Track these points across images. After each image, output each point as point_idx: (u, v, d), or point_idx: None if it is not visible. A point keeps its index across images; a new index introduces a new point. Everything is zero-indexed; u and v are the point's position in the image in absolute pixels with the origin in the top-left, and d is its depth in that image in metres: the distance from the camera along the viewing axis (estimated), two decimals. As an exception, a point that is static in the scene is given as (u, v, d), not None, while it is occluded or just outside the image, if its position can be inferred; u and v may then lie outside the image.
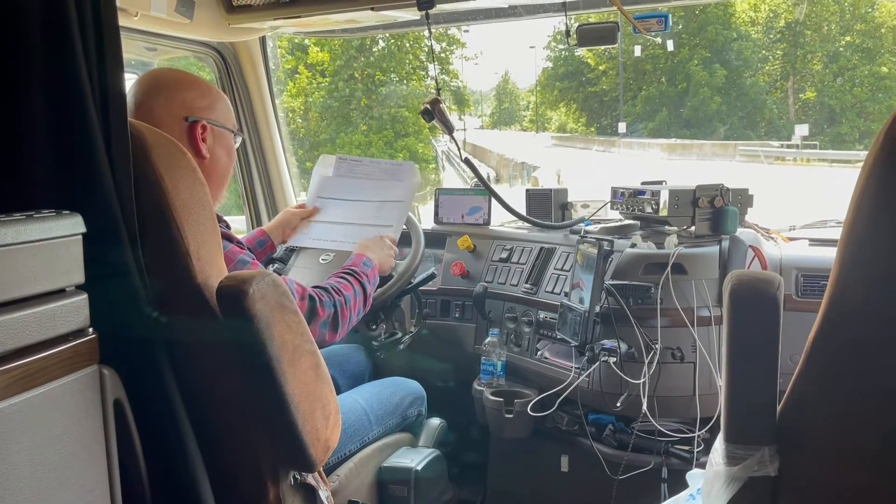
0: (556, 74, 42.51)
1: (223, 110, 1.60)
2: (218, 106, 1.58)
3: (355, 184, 2.08)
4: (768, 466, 1.00)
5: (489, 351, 2.21)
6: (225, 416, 1.20)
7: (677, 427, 1.90)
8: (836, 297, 0.94)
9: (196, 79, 1.67)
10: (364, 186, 2.07)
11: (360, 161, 2.12)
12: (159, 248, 1.12)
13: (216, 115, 1.57)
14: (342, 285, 1.67)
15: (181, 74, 1.59)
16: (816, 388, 0.98)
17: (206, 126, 1.54)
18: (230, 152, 1.61)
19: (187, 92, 1.55)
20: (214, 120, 1.56)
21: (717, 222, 2.02)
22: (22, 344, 0.80)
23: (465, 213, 2.61)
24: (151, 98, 1.51)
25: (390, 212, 2.02)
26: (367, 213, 2.03)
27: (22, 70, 0.97)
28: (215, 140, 1.56)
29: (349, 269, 1.76)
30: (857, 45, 30.85)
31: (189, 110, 1.53)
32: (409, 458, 1.80)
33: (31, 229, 0.82)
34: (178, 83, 1.55)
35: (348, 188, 2.07)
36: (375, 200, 2.04)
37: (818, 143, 26.80)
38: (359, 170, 2.11)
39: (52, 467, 0.85)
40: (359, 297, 1.70)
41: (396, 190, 2.05)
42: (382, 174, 2.08)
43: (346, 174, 2.10)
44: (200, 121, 1.53)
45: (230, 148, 1.61)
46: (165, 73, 1.58)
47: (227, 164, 1.61)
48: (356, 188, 2.07)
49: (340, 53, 21.78)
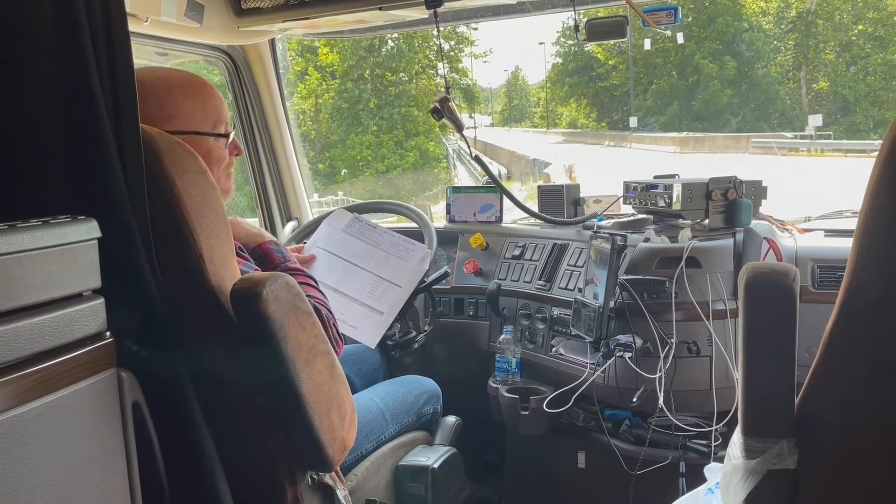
0: (566, 70, 42.41)
1: (191, 113, 1.43)
2: (182, 110, 1.42)
3: (360, 247, 1.96)
4: (787, 459, 1.00)
5: (504, 348, 2.21)
6: (241, 417, 1.21)
7: (694, 421, 1.89)
8: (852, 288, 0.93)
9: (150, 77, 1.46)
10: (368, 254, 1.95)
11: (375, 227, 2.00)
12: (173, 252, 1.12)
13: (179, 122, 1.40)
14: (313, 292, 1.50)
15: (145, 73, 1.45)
16: (834, 379, 0.97)
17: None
18: (207, 157, 1.39)
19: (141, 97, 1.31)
20: (175, 128, 1.37)
21: (731, 215, 2.01)
22: (40, 349, 0.81)
23: (477, 211, 2.61)
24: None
25: (386, 295, 1.88)
26: (363, 286, 1.90)
27: (34, 78, 0.98)
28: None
29: (293, 268, 1.58)
30: (869, 33, 30.54)
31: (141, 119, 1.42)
32: (425, 457, 1.80)
33: (47, 235, 0.83)
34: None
35: (352, 249, 1.95)
36: (374, 274, 1.92)
37: (832, 134, 26.58)
38: (369, 235, 1.98)
39: (73, 470, 0.86)
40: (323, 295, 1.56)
41: (400, 271, 1.92)
42: (392, 248, 1.96)
43: (355, 234, 1.98)
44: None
45: (207, 153, 1.42)
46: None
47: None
48: (360, 252, 1.95)
49: (350, 54, 21.83)
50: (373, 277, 1.90)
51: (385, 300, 1.87)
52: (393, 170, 21.53)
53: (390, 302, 1.87)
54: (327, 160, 21.26)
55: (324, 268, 1.91)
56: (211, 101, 1.47)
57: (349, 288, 1.88)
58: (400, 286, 1.89)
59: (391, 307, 1.88)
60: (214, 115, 1.46)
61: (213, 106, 1.47)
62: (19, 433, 0.78)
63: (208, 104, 1.46)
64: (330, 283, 1.89)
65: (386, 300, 1.87)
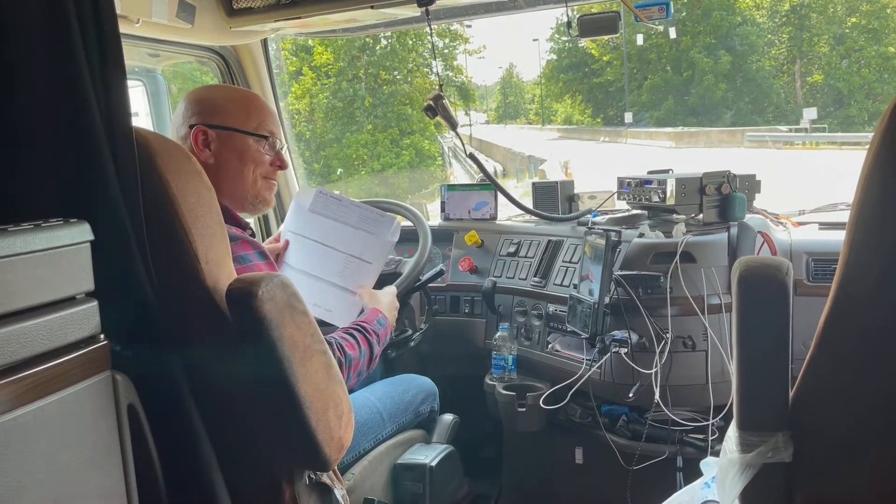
0: (561, 66, 42.39)
1: (234, 112, 1.58)
2: (225, 109, 1.58)
3: (328, 226, 1.87)
4: (782, 452, 1.00)
5: (500, 345, 2.21)
6: (238, 417, 1.21)
7: (691, 416, 1.89)
8: (845, 281, 0.93)
9: (211, 89, 1.74)
10: (336, 232, 1.87)
11: (340, 200, 1.90)
12: (167, 253, 1.12)
13: (221, 118, 1.56)
14: (347, 343, 1.56)
15: (201, 88, 1.66)
16: (828, 372, 0.98)
17: (205, 130, 1.54)
18: (243, 155, 1.57)
19: (194, 100, 1.59)
20: (217, 123, 1.55)
21: (725, 209, 2.01)
22: (34, 352, 0.81)
23: (471, 209, 2.62)
24: (178, 118, 1.59)
25: (357, 273, 1.83)
26: (332, 266, 1.84)
27: (25, 81, 0.97)
28: (221, 143, 1.55)
29: (361, 325, 1.65)
30: (863, 25, 30.58)
31: (191, 116, 1.56)
32: (423, 455, 1.81)
33: (39, 238, 0.82)
34: (192, 95, 1.61)
35: (320, 228, 1.87)
36: (344, 253, 1.85)
37: (827, 126, 26.58)
38: (336, 210, 1.88)
39: (69, 473, 0.86)
40: (363, 358, 1.59)
41: (369, 247, 1.85)
42: (360, 222, 1.87)
43: (322, 211, 1.89)
44: (198, 125, 1.54)
45: (243, 150, 1.57)
46: (192, 92, 1.63)
47: (238, 167, 1.57)
48: (328, 231, 1.87)
49: (344, 53, 21.79)
50: (342, 256, 1.84)
51: (356, 278, 1.82)
52: (388, 168, 21.50)
53: (361, 280, 1.82)
54: (322, 159, 21.23)
55: (295, 252, 1.87)
56: (256, 108, 1.62)
57: (320, 270, 1.84)
58: (370, 262, 1.84)
59: (363, 286, 1.83)
60: (258, 119, 1.61)
61: (258, 112, 1.62)
62: (15, 437, 0.78)
63: (252, 109, 1.61)
64: (302, 267, 1.85)
65: (357, 278, 1.82)
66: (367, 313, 1.72)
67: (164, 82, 2.67)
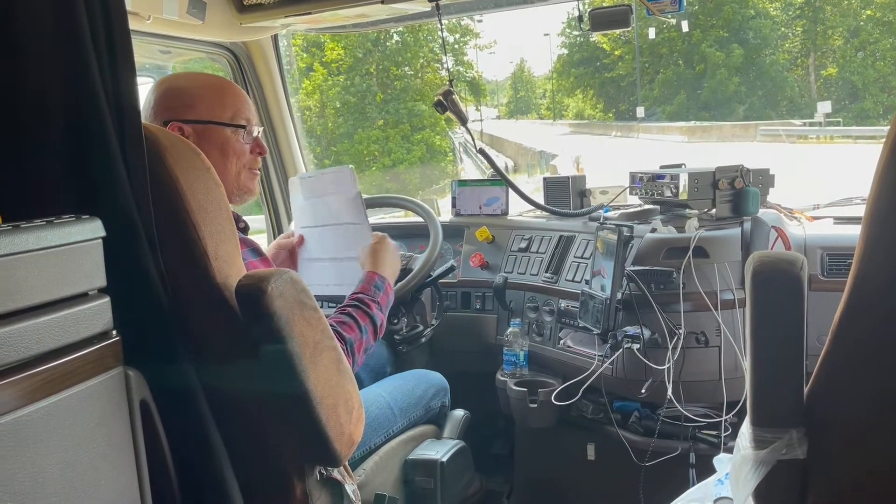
0: (572, 61, 42.22)
1: (208, 104, 1.52)
2: (198, 101, 1.52)
3: (319, 203, 1.87)
4: (797, 449, 0.99)
5: (511, 341, 2.21)
6: (249, 413, 1.21)
7: (704, 412, 1.88)
8: (861, 276, 0.92)
9: (178, 78, 1.67)
10: (325, 206, 1.86)
11: (312, 176, 1.90)
12: (178, 250, 1.13)
13: (196, 112, 1.51)
14: (344, 327, 1.52)
15: (168, 78, 1.60)
16: (843, 368, 0.97)
17: (181, 126, 1.50)
18: (224, 148, 1.53)
19: (164, 92, 1.54)
20: (193, 117, 1.50)
21: (738, 204, 1.99)
22: (47, 348, 0.81)
23: (482, 204, 2.61)
24: (147, 111, 1.53)
25: (352, 239, 1.81)
26: (337, 241, 1.83)
27: (36, 78, 0.98)
28: (200, 138, 1.50)
29: (356, 298, 1.61)
30: (877, 18, 30.25)
31: (166, 113, 1.52)
32: (434, 451, 1.80)
33: (51, 235, 0.83)
34: (160, 87, 1.55)
35: (315, 211, 1.87)
36: (338, 223, 1.84)
37: (841, 120, 26.34)
38: (316, 187, 1.87)
39: (82, 469, 0.86)
40: (366, 335, 1.56)
41: (344, 209, 1.82)
42: (332, 186, 1.85)
43: (309, 195, 1.89)
44: (172, 122, 1.50)
45: (223, 143, 1.52)
46: (159, 82, 1.57)
47: (220, 161, 1.52)
48: (320, 209, 1.86)
49: (357, 48, 21.80)
50: (332, 228, 1.84)
51: (354, 243, 1.80)
52: (400, 164, 21.51)
53: (358, 243, 1.80)
54: (333, 155, 21.26)
55: (314, 248, 1.87)
56: (230, 96, 1.56)
57: (326, 250, 1.84)
58: (354, 223, 1.82)
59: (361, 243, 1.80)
60: (233, 108, 1.55)
61: (232, 100, 1.56)
62: (27, 433, 0.78)
63: (226, 98, 1.55)
64: (313, 255, 1.85)
65: (355, 243, 1.80)
66: (363, 280, 1.67)
67: (175, 79, 2.68)
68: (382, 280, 1.69)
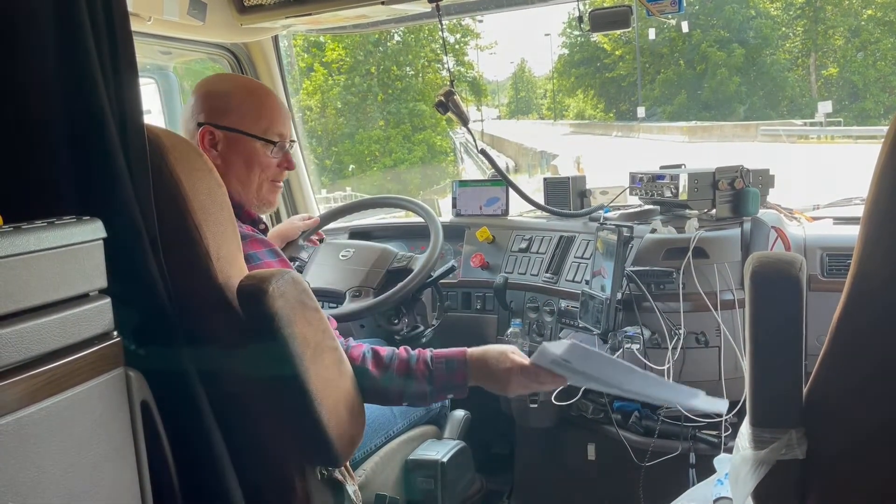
0: (573, 61, 42.24)
1: (243, 113, 1.52)
2: (234, 108, 1.52)
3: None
4: (796, 449, 0.99)
5: (511, 341, 2.21)
6: (250, 413, 1.22)
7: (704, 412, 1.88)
8: (860, 276, 0.92)
9: (221, 81, 1.68)
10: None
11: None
12: (180, 250, 1.13)
13: (230, 119, 1.51)
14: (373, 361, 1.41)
15: (211, 79, 1.61)
16: (842, 368, 0.97)
17: (212, 130, 1.50)
18: (249, 159, 1.52)
19: (205, 94, 1.55)
20: (226, 124, 1.51)
21: (738, 204, 1.99)
22: (48, 349, 0.81)
23: (483, 205, 2.61)
24: (186, 111, 1.56)
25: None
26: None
27: (37, 78, 0.98)
28: (228, 145, 1.51)
29: (429, 352, 1.46)
30: (878, 18, 30.24)
31: (200, 113, 1.53)
32: (434, 451, 1.80)
33: (52, 236, 0.83)
34: (201, 88, 1.57)
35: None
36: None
37: (842, 120, 26.32)
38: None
39: (83, 469, 0.86)
40: (391, 384, 1.41)
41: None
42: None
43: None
44: (205, 125, 1.51)
45: (250, 154, 1.52)
46: (201, 83, 1.59)
47: (244, 171, 1.52)
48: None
49: (357, 48, 21.82)
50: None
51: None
52: (400, 164, 21.53)
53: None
54: (334, 155, 21.27)
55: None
56: (267, 108, 1.55)
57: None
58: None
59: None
60: (268, 121, 1.54)
61: (269, 113, 1.55)
62: (29, 433, 0.78)
63: (263, 110, 1.54)
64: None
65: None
66: (464, 353, 1.46)
67: (175, 80, 2.68)
68: (464, 366, 1.44)
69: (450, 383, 1.43)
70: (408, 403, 1.48)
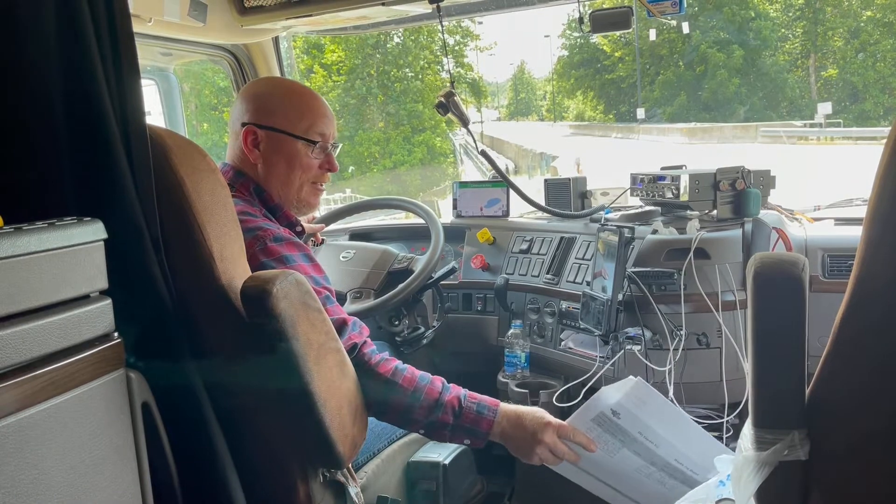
0: (572, 62, 42.30)
1: (285, 113, 1.54)
2: (277, 109, 1.53)
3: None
4: (798, 450, 0.99)
5: (512, 343, 2.21)
6: (252, 415, 1.21)
7: (705, 413, 1.88)
8: (862, 277, 0.92)
9: (265, 84, 1.70)
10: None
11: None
12: (182, 251, 1.13)
13: (272, 119, 1.52)
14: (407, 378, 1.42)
15: (256, 82, 1.65)
16: (845, 369, 0.97)
17: (255, 130, 1.52)
18: (291, 160, 1.53)
19: (250, 95, 1.57)
20: (268, 124, 1.52)
21: (739, 205, 1.99)
22: (48, 351, 0.81)
23: (483, 206, 2.61)
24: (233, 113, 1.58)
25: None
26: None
27: (39, 80, 0.98)
28: (270, 145, 1.52)
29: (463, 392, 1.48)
30: (878, 19, 30.27)
31: (245, 114, 1.54)
32: (436, 453, 1.80)
33: (53, 237, 0.83)
34: (247, 91, 1.59)
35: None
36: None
37: (842, 121, 26.33)
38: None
39: (84, 471, 0.86)
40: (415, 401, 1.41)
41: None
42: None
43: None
44: (248, 125, 1.52)
45: (291, 155, 1.53)
46: (248, 86, 1.62)
47: (285, 171, 1.54)
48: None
49: (357, 51, 21.84)
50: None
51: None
52: (400, 166, 21.54)
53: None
54: (334, 157, 21.28)
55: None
56: (309, 109, 1.56)
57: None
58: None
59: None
60: (309, 121, 1.55)
61: (311, 113, 1.56)
62: (29, 435, 0.78)
63: (304, 109, 1.55)
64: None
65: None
66: (497, 403, 1.49)
67: (176, 81, 2.68)
68: (493, 415, 1.46)
69: (474, 427, 1.45)
70: (424, 431, 1.47)
